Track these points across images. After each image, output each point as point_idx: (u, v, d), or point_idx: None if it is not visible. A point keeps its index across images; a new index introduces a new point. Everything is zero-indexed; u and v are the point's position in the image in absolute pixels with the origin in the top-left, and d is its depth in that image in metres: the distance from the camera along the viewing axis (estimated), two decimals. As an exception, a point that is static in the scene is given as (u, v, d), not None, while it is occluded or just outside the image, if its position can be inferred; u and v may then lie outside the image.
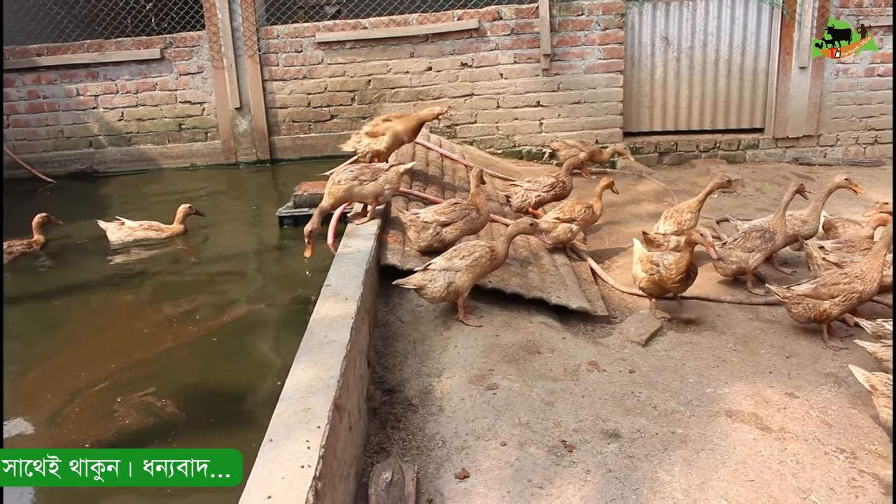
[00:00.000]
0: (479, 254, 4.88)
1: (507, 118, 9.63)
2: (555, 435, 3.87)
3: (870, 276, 4.96)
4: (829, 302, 4.95)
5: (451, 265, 4.84)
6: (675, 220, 6.27)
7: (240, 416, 4.36)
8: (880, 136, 10.25)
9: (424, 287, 4.81)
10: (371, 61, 9.55)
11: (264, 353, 5.22)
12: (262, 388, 4.60)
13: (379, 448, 3.81)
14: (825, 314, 4.97)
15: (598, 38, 9.43)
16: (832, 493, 3.56)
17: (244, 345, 5.30)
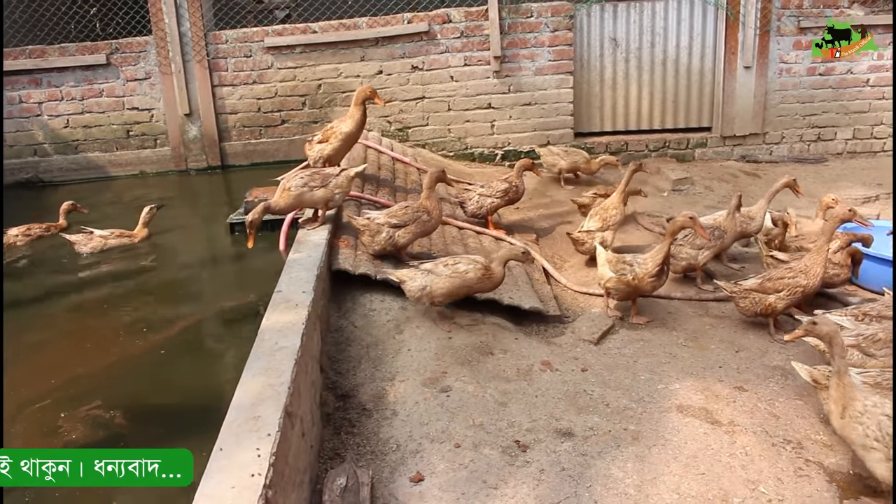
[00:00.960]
0: (464, 268, 4.85)
1: (458, 120, 9.65)
2: (509, 435, 3.89)
3: (813, 271, 5.08)
4: (775, 296, 5.06)
5: (434, 269, 4.88)
6: (601, 217, 6.35)
7: (190, 427, 4.29)
8: (823, 134, 10.49)
9: (405, 283, 4.89)
10: (321, 65, 9.49)
11: (215, 362, 5.16)
12: (212, 398, 4.54)
13: (333, 454, 3.79)
14: (770, 308, 5.08)
15: (548, 40, 9.50)
16: (780, 482, 3.64)
17: (194, 354, 5.23)
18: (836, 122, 10.51)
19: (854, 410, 3.45)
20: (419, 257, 5.65)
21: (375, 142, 8.59)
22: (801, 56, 10.17)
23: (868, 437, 3.36)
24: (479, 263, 4.90)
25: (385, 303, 5.10)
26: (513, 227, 7.23)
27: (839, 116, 10.49)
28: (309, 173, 5.56)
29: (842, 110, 10.46)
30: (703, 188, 8.63)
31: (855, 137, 10.60)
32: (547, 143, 9.68)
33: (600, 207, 6.45)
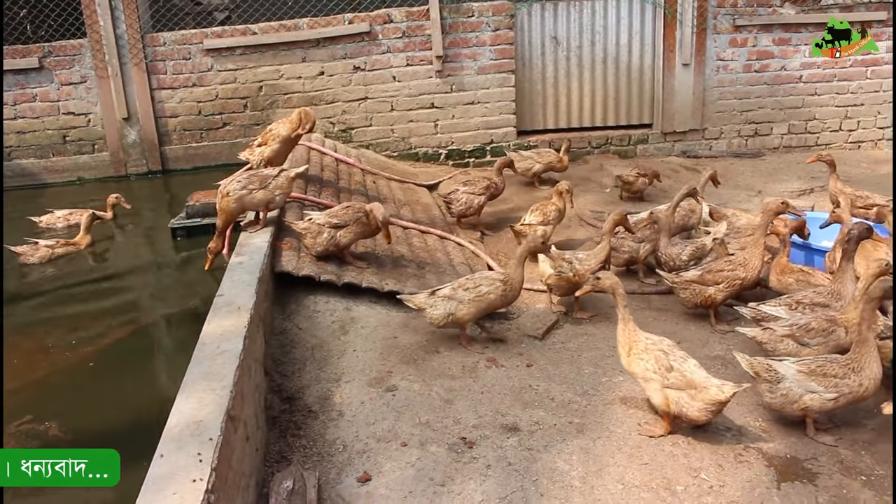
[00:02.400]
0: (486, 289, 4.80)
1: (402, 121, 9.64)
2: (455, 432, 3.91)
3: (752, 264, 5.20)
4: (714, 288, 5.17)
5: (455, 295, 4.77)
6: (541, 211, 6.54)
7: (130, 437, 4.21)
8: (760, 129, 10.75)
9: (425, 311, 4.77)
10: (262, 67, 9.39)
11: (156, 370, 5.09)
12: (153, 407, 4.46)
13: (280, 457, 3.76)
14: (710, 299, 5.19)
15: (489, 39, 9.55)
16: (721, 469, 3.72)
17: (134, 363, 5.14)
18: (771, 118, 10.78)
19: (637, 349, 3.98)
20: (364, 258, 5.64)
21: (318, 143, 8.53)
22: (737, 53, 10.41)
23: (648, 370, 3.92)
24: (498, 280, 4.85)
25: (329, 304, 5.08)
26: (458, 226, 7.25)
27: (775, 112, 10.76)
28: (247, 176, 5.50)
29: (777, 106, 10.74)
30: (643, 185, 8.74)
31: (790, 132, 10.89)
32: (490, 142, 9.75)
33: (540, 203, 6.64)
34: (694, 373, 3.84)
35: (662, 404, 3.89)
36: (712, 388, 3.77)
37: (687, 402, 3.81)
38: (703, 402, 3.78)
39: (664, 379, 3.86)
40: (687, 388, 3.82)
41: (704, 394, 3.77)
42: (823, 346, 4.50)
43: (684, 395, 3.82)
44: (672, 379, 3.84)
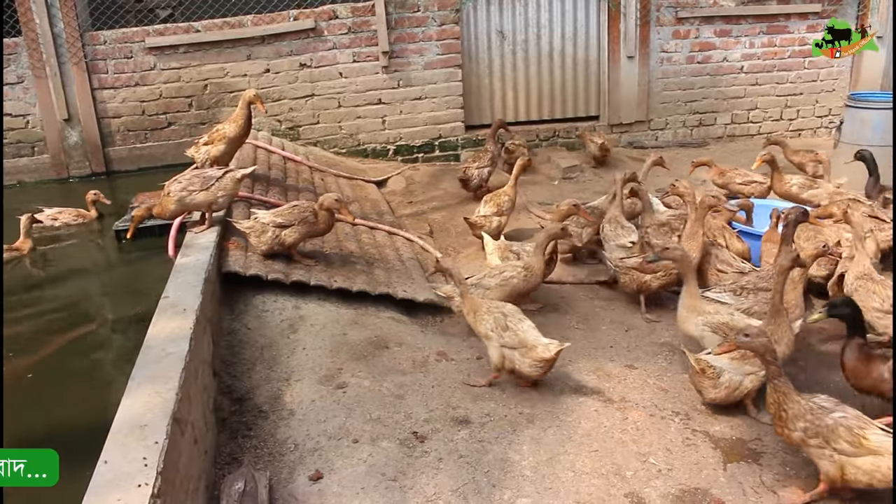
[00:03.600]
0: (510, 273, 5.01)
1: (349, 117, 9.59)
2: (406, 427, 3.91)
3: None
4: (651, 275, 5.28)
5: (482, 282, 4.99)
6: (495, 202, 6.62)
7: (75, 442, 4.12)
8: (704, 119, 10.96)
9: (453, 299, 4.97)
10: (207, 65, 9.26)
11: (102, 374, 4.98)
12: (99, 411, 4.37)
13: (230, 458, 3.72)
14: (646, 286, 5.34)
15: (436, 34, 9.56)
16: (669, 453, 3.79)
17: (80, 367, 5.03)
18: (715, 108, 11.00)
19: (481, 312, 4.36)
20: (312, 255, 5.61)
21: (265, 141, 8.45)
22: (680, 45, 10.59)
23: (488, 329, 4.29)
24: (520, 267, 5.01)
25: (278, 303, 5.04)
26: (406, 220, 7.26)
27: (718, 102, 10.98)
28: (188, 177, 5.42)
29: (720, 96, 10.95)
30: (592, 175, 8.87)
31: (733, 122, 11.12)
32: (438, 137, 9.78)
33: (494, 193, 6.71)
34: (527, 332, 4.22)
35: (497, 360, 4.29)
36: (539, 347, 4.15)
37: (519, 359, 4.19)
38: (532, 360, 4.17)
39: (500, 338, 4.23)
40: (520, 346, 4.19)
41: (533, 352, 4.15)
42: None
43: (517, 353, 4.20)
44: (507, 338, 4.22)
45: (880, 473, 3.25)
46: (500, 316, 4.32)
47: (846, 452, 3.30)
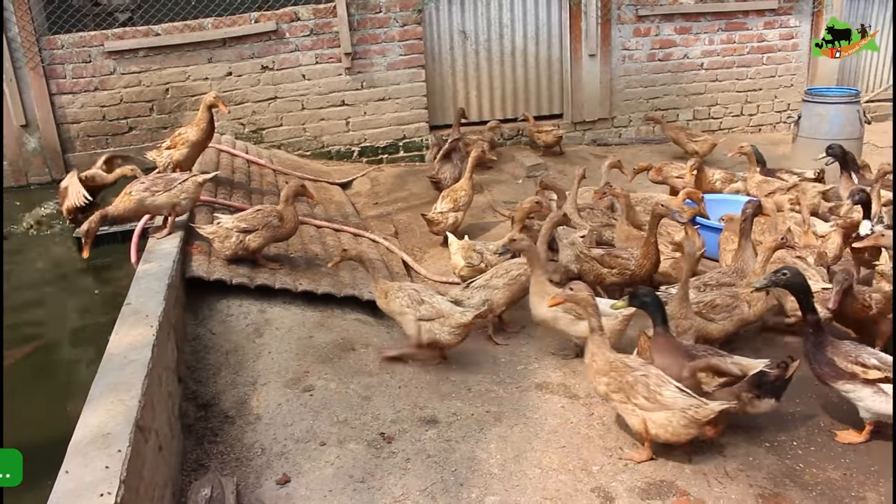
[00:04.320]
0: (517, 272, 5.04)
1: (313, 119, 9.55)
2: (373, 428, 3.92)
3: (640, 262, 5.39)
4: (607, 270, 5.35)
5: (489, 283, 5.01)
6: (451, 198, 6.71)
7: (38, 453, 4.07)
8: (666, 115, 11.04)
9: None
10: (168, 69, 9.17)
11: (64, 384, 4.91)
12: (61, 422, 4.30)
13: (197, 465, 3.70)
14: (601, 278, 5.45)
15: (398, 35, 9.54)
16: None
17: (41, 378, 4.96)
18: (676, 105, 11.12)
19: (392, 293, 4.56)
20: (277, 259, 5.58)
21: (229, 145, 8.39)
22: (641, 43, 10.70)
23: (402, 305, 4.50)
24: (523, 262, 5.02)
25: (243, 307, 5.01)
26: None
27: (679, 99, 11.10)
28: (151, 178, 5.38)
29: (681, 93, 11.08)
30: (556, 173, 8.91)
31: (695, 118, 11.25)
32: (402, 137, 9.78)
33: (450, 189, 6.80)
34: (442, 303, 4.50)
35: (416, 334, 4.48)
36: (457, 314, 4.43)
37: (438, 329, 4.44)
38: (450, 327, 4.42)
39: (417, 311, 4.45)
40: (437, 316, 4.44)
41: (451, 319, 4.41)
42: (728, 320, 4.69)
43: (435, 323, 4.44)
44: (423, 310, 4.45)
45: (672, 427, 3.57)
46: (413, 292, 4.57)
47: (644, 407, 3.62)
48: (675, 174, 7.46)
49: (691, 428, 3.57)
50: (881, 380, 3.72)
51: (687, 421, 3.55)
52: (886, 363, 3.76)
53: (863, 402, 3.79)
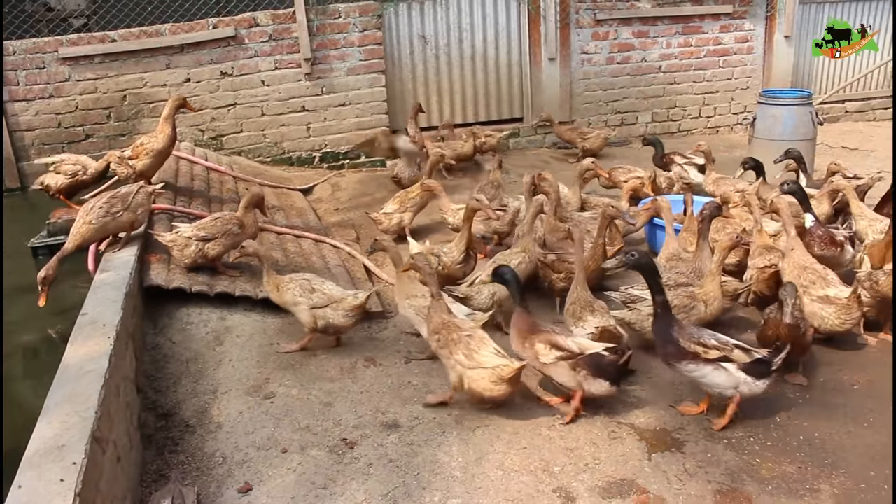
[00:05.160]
0: (517, 261, 5.26)
1: (273, 125, 9.50)
2: (335, 434, 3.91)
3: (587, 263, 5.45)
4: (556, 275, 5.42)
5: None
6: (400, 199, 6.86)
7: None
8: (625, 118, 11.21)
9: (472, 298, 5.07)
10: (124, 75, 9.05)
11: (20, 399, 4.82)
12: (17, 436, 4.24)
13: (157, 475, 3.66)
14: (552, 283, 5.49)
15: (358, 40, 9.54)
16: (595, 446, 3.87)
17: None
18: (636, 107, 11.26)
19: (284, 285, 4.68)
20: (237, 266, 5.54)
21: (188, 152, 8.32)
22: (600, 46, 10.81)
23: (295, 295, 4.62)
24: (521, 253, 5.30)
25: (203, 315, 4.97)
26: (333, 227, 7.23)
27: (638, 101, 11.24)
28: (106, 200, 5.19)
29: (640, 95, 11.22)
30: (517, 176, 8.94)
31: (654, 120, 11.40)
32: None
33: (405, 190, 6.94)
34: (333, 290, 4.66)
35: (310, 321, 4.62)
36: (349, 297, 4.62)
37: (332, 314, 4.59)
38: (344, 310, 4.60)
39: (310, 300, 4.59)
40: (330, 302, 4.59)
41: (344, 303, 4.59)
42: (686, 320, 4.74)
43: (328, 309, 4.58)
44: (316, 298, 4.59)
45: (484, 382, 3.92)
46: (304, 281, 4.70)
47: (462, 363, 3.96)
48: (623, 177, 7.56)
49: (500, 384, 3.91)
50: (720, 358, 3.94)
51: (496, 378, 3.90)
52: (725, 343, 3.99)
53: (705, 378, 4.00)
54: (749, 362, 3.95)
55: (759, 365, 3.96)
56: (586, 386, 4.03)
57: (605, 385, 4.03)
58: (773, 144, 8.19)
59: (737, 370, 3.94)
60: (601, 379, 4.02)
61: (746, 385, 3.95)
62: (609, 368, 4.03)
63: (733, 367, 3.94)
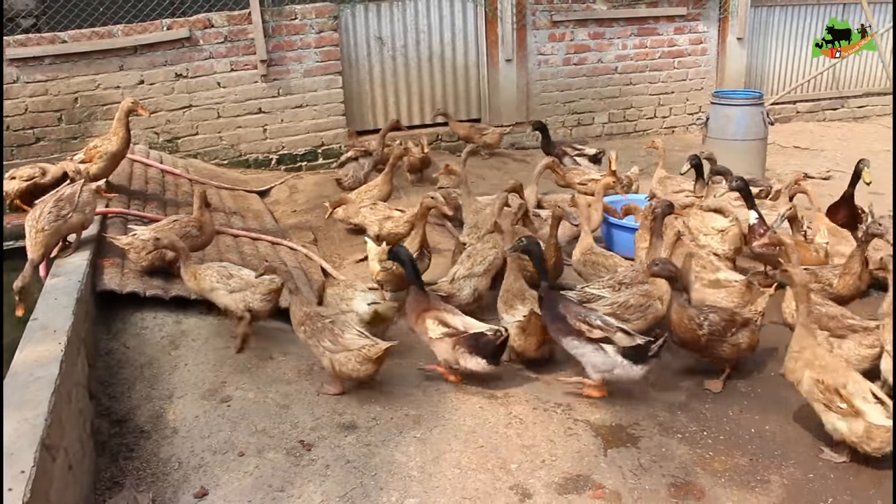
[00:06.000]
0: (490, 254, 5.46)
1: (229, 127, 9.40)
2: (292, 436, 3.89)
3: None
4: None
5: (473, 270, 5.37)
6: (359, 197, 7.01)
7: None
8: (582, 119, 11.33)
9: (454, 295, 5.27)
10: (76, 77, 8.89)
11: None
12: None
13: (111, 483, 3.61)
14: None
15: (314, 42, 9.50)
16: (552, 443, 3.91)
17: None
18: (592, 108, 11.39)
19: (201, 273, 4.77)
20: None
21: (143, 155, 8.21)
22: (556, 47, 10.92)
23: (213, 281, 4.73)
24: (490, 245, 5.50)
25: (158, 319, 4.92)
26: (290, 230, 7.19)
27: (595, 102, 11.36)
28: (53, 203, 5.05)
29: (597, 96, 11.35)
30: (475, 177, 8.97)
31: (610, 121, 11.54)
32: (321, 144, 9.72)
33: (365, 186, 7.18)
34: (250, 276, 4.76)
35: (232, 306, 4.73)
36: (266, 281, 4.72)
37: (251, 297, 4.71)
38: (261, 294, 4.72)
39: (227, 285, 4.71)
40: (247, 287, 4.72)
41: (260, 287, 4.72)
42: (642, 319, 4.82)
43: (247, 292, 4.71)
44: (233, 283, 4.72)
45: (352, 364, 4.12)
46: (221, 268, 4.82)
47: (330, 349, 4.16)
48: (577, 180, 7.66)
49: (367, 364, 4.13)
50: (602, 339, 4.16)
51: (362, 358, 4.11)
52: (609, 325, 4.23)
53: (585, 357, 4.23)
54: (629, 347, 4.15)
55: (638, 350, 4.15)
56: (462, 362, 4.33)
57: (482, 363, 4.30)
58: (726, 144, 8.36)
59: (615, 353, 4.15)
60: (478, 356, 4.28)
61: (622, 368, 4.17)
62: (486, 347, 4.28)
63: (612, 350, 4.15)
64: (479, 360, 4.29)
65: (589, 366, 4.26)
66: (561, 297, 4.40)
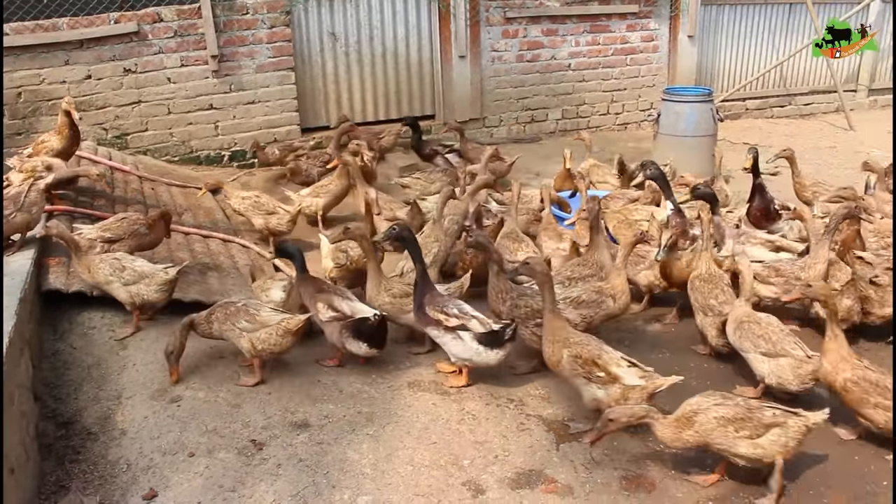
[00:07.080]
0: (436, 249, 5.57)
1: (180, 123, 9.26)
2: (244, 436, 3.86)
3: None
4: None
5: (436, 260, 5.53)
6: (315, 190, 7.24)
7: None
8: (536, 115, 11.40)
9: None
10: (19, 72, 8.66)
11: None
12: None
13: (57, 486, 3.55)
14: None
15: (266, 37, 9.39)
16: (505, 439, 3.93)
17: None
18: (546, 104, 11.45)
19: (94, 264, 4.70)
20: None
21: (90, 151, 8.03)
22: (510, 44, 10.96)
23: (107, 275, 4.68)
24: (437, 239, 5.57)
25: (106, 319, 4.84)
26: (242, 227, 7.11)
27: (548, 99, 11.44)
28: None
29: (550, 93, 11.42)
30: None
31: (564, 117, 11.62)
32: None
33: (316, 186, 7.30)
34: (143, 266, 4.77)
35: (127, 298, 4.71)
36: (160, 273, 4.74)
37: (145, 289, 4.70)
38: (157, 285, 4.72)
39: (121, 278, 4.68)
40: (141, 278, 4.71)
41: (156, 278, 4.73)
42: (596, 315, 4.84)
43: (141, 284, 4.70)
44: (127, 276, 4.69)
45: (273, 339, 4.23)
46: (114, 261, 4.74)
47: (247, 329, 4.22)
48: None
49: (287, 337, 4.25)
50: (458, 327, 4.25)
51: (283, 331, 4.23)
52: (465, 312, 4.30)
53: (446, 346, 4.33)
54: (483, 333, 4.23)
55: (493, 336, 4.23)
56: (347, 345, 4.44)
57: (364, 347, 4.43)
58: (676, 140, 8.48)
59: (472, 340, 4.23)
60: (360, 341, 4.40)
61: (479, 355, 4.24)
62: (368, 332, 4.38)
63: (469, 337, 4.23)
64: (360, 345, 4.42)
65: (451, 354, 4.34)
66: (427, 287, 4.46)
